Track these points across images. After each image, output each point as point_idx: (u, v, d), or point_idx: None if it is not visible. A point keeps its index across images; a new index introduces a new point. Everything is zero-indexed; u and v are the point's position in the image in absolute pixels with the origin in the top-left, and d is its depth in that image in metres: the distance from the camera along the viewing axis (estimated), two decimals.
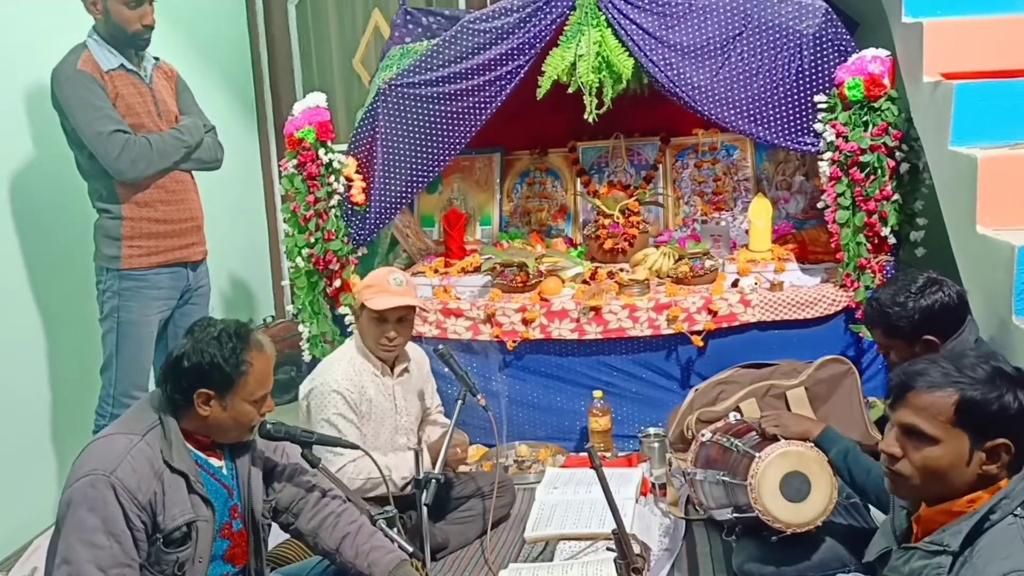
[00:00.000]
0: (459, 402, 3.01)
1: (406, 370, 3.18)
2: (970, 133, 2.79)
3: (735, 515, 2.66)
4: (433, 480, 2.70)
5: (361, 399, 3.01)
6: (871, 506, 2.58)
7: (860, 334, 3.48)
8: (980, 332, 2.51)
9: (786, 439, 2.55)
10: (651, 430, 3.48)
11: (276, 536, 2.51)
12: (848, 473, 2.48)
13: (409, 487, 2.84)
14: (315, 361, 3.84)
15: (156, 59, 3.44)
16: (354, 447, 2.60)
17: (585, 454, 3.52)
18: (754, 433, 2.72)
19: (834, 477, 2.46)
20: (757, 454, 2.51)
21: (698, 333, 3.59)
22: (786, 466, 2.47)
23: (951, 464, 1.63)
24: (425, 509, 2.67)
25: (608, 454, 3.57)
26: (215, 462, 2.26)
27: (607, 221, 4.09)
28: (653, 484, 3.27)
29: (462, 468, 3.24)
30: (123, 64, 3.26)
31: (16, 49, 3.40)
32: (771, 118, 3.54)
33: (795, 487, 2.46)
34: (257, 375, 2.18)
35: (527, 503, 3.26)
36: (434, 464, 2.86)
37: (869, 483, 2.41)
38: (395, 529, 2.43)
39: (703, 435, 2.86)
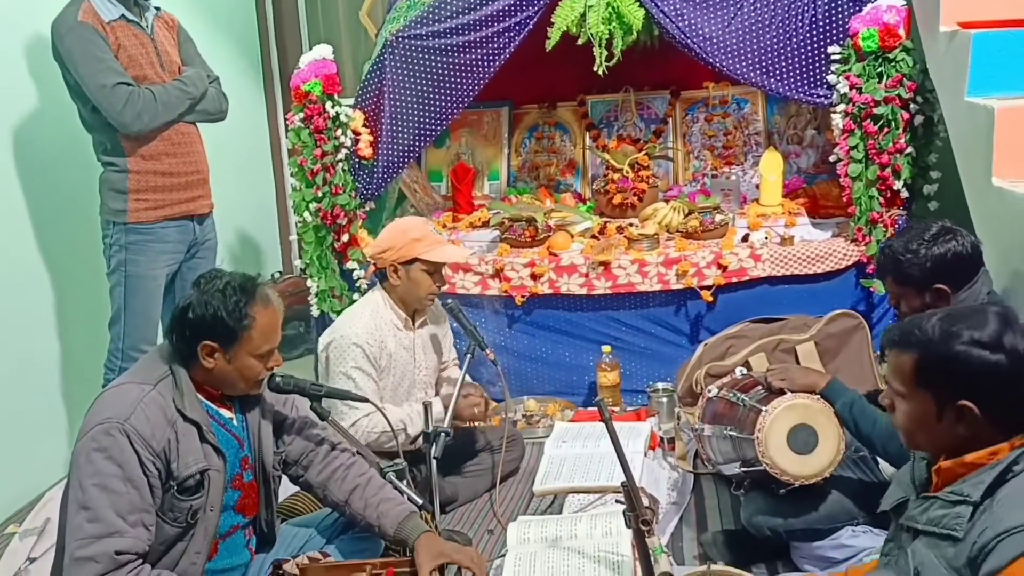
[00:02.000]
0: (468, 356, 3.00)
1: (425, 322, 3.17)
2: (987, 83, 2.74)
3: (743, 469, 2.65)
4: (442, 434, 2.70)
5: (381, 353, 3.00)
6: (879, 459, 2.57)
7: (871, 288, 3.46)
8: (993, 285, 2.48)
9: (792, 392, 2.54)
10: (659, 385, 3.48)
11: (286, 489, 2.52)
12: (854, 424, 2.46)
13: (419, 440, 2.85)
14: (323, 316, 3.84)
15: (157, 9, 3.39)
16: (364, 400, 2.59)
17: (593, 408, 3.56)
18: (760, 388, 2.71)
19: (841, 429, 2.45)
20: (763, 408, 2.50)
21: (708, 288, 3.57)
22: (793, 419, 2.46)
23: (920, 421, 1.66)
24: (435, 462, 2.68)
25: (617, 408, 3.57)
26: (225, 413, 2.26)
27: (616, 176, 4.05)
28: (661, 438, 3.27)
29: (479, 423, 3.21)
30: (124, 15, 3.21)
31: (15, 0, 3.35)
32: (784, 70, 3.50)
33: (802, 439, 2.46)
34: (261, 329, 2.17)
35: (536, 457, 3.26)
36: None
37: (875, 434, 2.40)
38: (404, 482, 2.43)
39: (709, 391, 2.85)
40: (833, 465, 2.45)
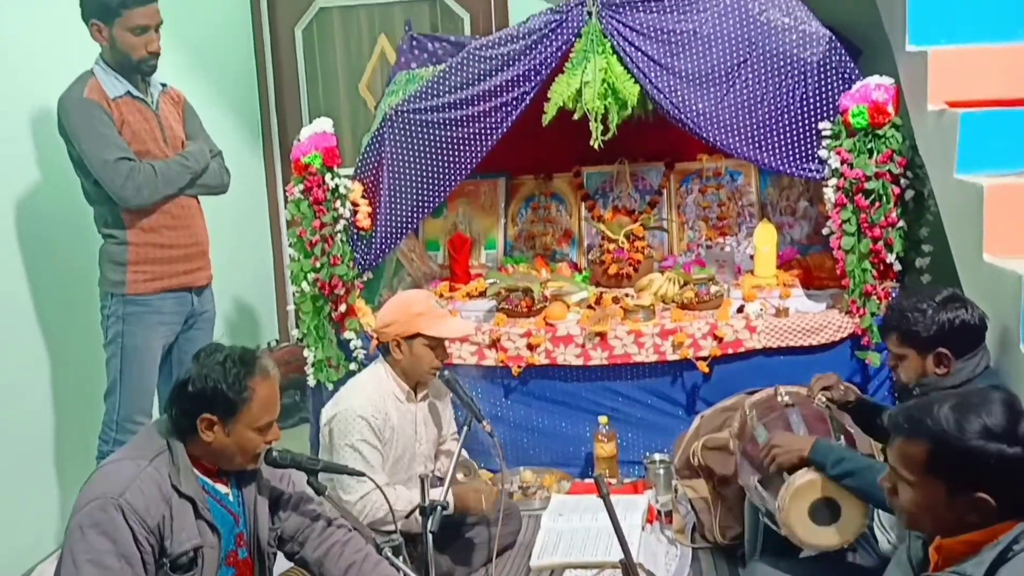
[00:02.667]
0: (465, 428, 3.00)
1: (427, 395, 3.18)
2: (976, 161, 2.79)
3: (766, 519, 2.61)
4: (439, 508, 2.68)
5: (385, 425, 2.99)
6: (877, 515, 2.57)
7: (866, 360, 3.48)
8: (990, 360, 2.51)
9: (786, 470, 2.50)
10: (657, 456, 3.47)
11: (281, 564, 2.49)
12: (846, 477, 2.38)
13: (414, 515, 2.83)
14: (320, 386, 3.84)
15: (163, 85, 3.45)
16: (361, 475, 2.58)
17: (591, 480, 3.54)
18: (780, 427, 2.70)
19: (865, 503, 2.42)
20: (787, 477, 2.46)
21: (703, 359, 3.59)
22: (816, 492, 2.42)
23: (930, 508, 1.65)
24: (431, 536, 2.65)
25: (613, 480, 3.56)
26: (221, 488, 2.26)
27: (612, 246, 4.09)
28: (659, 511, 3.25)
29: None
30: (129, 91, 3.27)
31: (24, 75, 3.42)
32: (776, 145, 3.56)
33: (824, 512, 2.40)
34: (261, 402, 2.18)
35: (533, 530, 3.23)
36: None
37: (867, 485, 2.34)
38: (401, 558, 2.41)
39: (749, 414, 2.82)
40: (855, 537, 2.42)
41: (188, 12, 4.28)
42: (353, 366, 3.76)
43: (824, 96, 3.48)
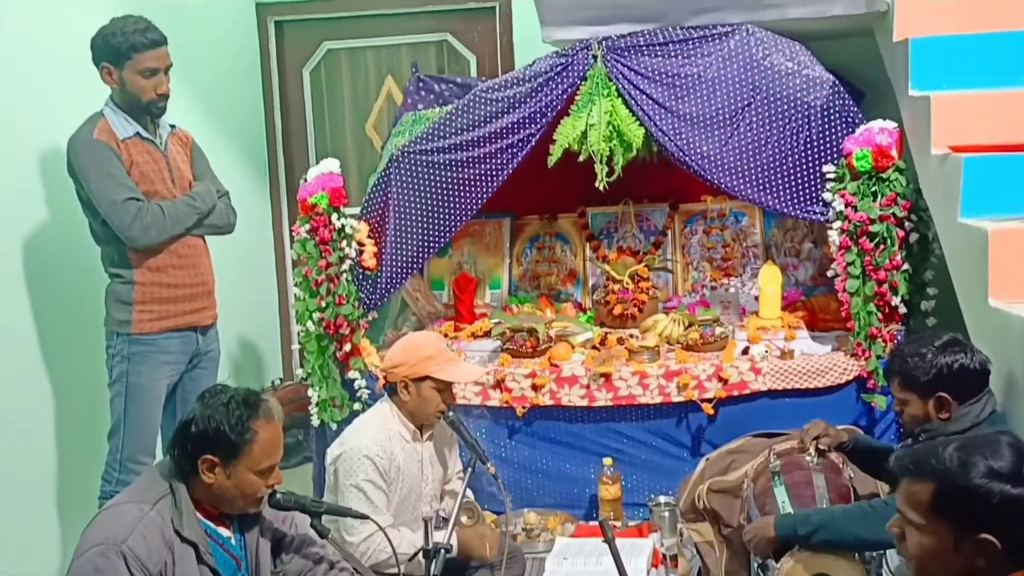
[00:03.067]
0: (469, 470, 2.99)
1: (432, 435, 3.17)
2: (980, 206, 2.80)
3: (760, 571, 2.62)
4: (442, 550, 2.66)
5: (390, 465, 2.98)
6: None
7: (872, 404, 3.47)
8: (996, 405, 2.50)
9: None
10: (662, 499, 3.44)
11: None
12: (838, 534, 2.43)
13: (418, 558, 2.81)
14: (323, 426, 3.83)
15: (172, 126, 3.49)
16: (365, 517, 2.57)
17: (595, 523, 3.50)
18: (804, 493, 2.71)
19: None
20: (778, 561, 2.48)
21: (709, 401, 3.57)
22: (816, 568, 2.44)
23: (937, 552, 1.63)
24: None
25: (618, 523, 3.52)
26: (224, 532, 2.25)
27: (616, 286, 4.09)
28: (664, 555, 3.22)
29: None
30: (139, 132, 3.31)
31: (34, 116, 3.46)
32: (780, 187, 3.57)
33: None
34: (263, 444, 2.17)
35: (537, 573, 3.21)
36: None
37: (847, 523, 2.42)
38: None
39: (773, 463, 2.87)
40: None
41: (197, 54, 4.33)
42: (357, 406, 3.76)
43: (828, 139, 3.50)
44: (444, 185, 3.75)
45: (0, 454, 3.28)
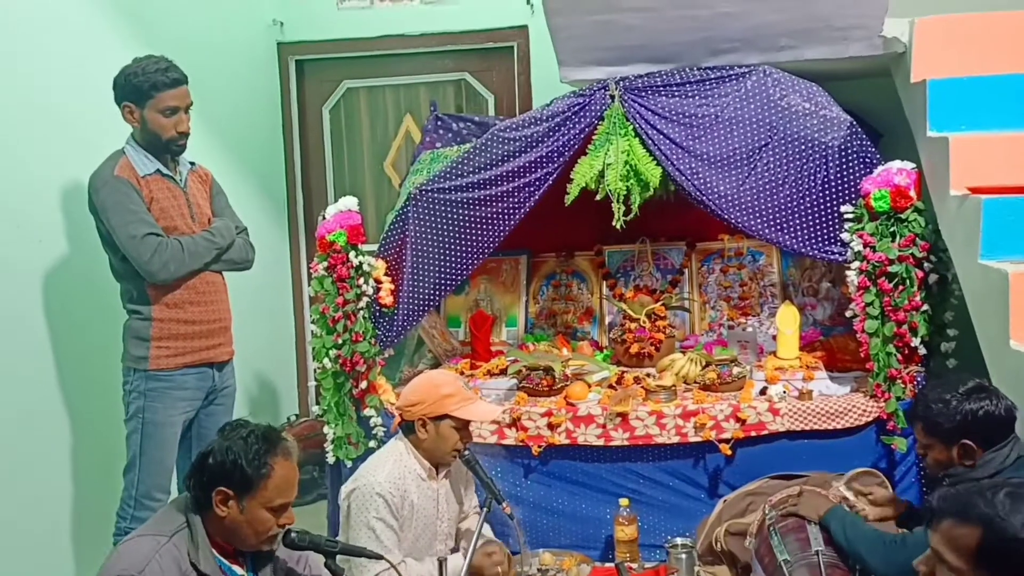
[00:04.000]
0: (484, 510, 2.97)
1: (448, 473, 3.15)
2: (1000, 247, 2.78)
3: None
4: None
5: (403, 503, 2.97)
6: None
7: (892, 446, 3.43)
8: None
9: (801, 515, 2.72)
10: (679, 540, 3.39)
11: None
12: (846, 540, 2.60)
13: None
14: (339, 463, 3.82)
15: (192, 164, 3.52)
16: (379, 557, 2.56)
17: (611, 564, 3.47)
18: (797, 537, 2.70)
19: None
20: None
21: (726, 441, 3.54)
22: None
23: None
24: None
25: (634, 565, 3.48)
26: (238, 570, 2.24)
27: (633, 325, 4.08)
28: None
29: None
30: (159, 169, 3.34)
31: (56, 154, 3.50)
32: (798, 227, 3.57)
33: None
34: (277, 481, 2.17)
35: None
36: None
37: (863, 549, 2.54)
38: None
39: (768, 515, 2.90)
40: None
41: (218, 92, 4.38)
42: (373, 443, 3.74)
43: (846, 180, 3.50)
44: (462, 223, 3.76)
45: (17, 489, 3.28)
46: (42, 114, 3.45)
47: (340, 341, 3.72)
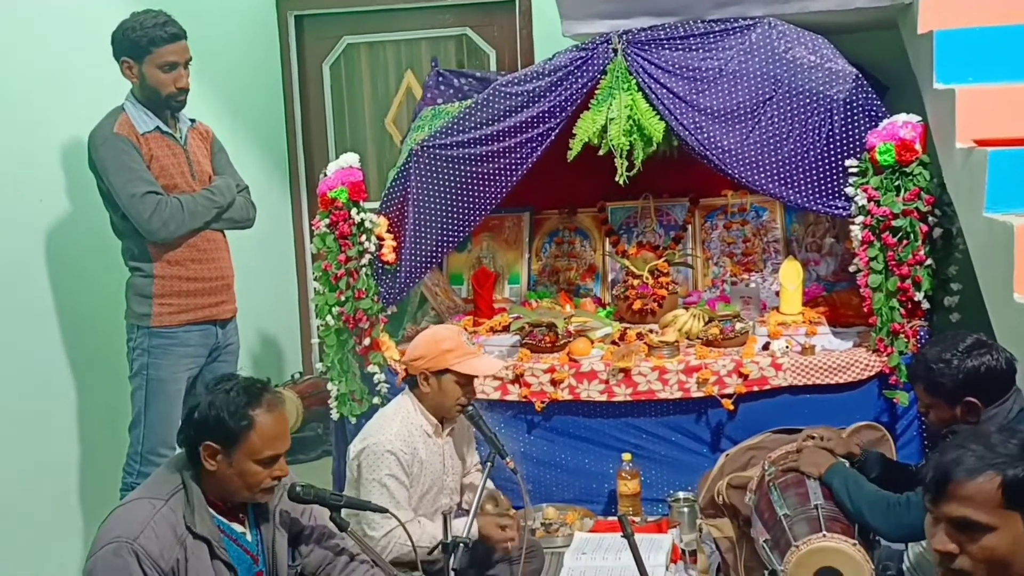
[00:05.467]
0: (488, 464, 2.98)
1: (453, 429, 3.17)
2: (1005, 200, 2.76)
3: None
4: (461, 544, 2.66)
5: (413, 460, 2.98)
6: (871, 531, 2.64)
7: (894, 400, 3.44)
8: None
9: (804, 471, 2.73)
10: (681, 494, 3.43)
11: None
12: (848, 498, 2.58)
13: (437, 551, 2.81)
14: (343, 420, 3.84)
15: (192, 121, 3.50)
16: (384, 511, 2.57)
17: (614, 518, 3.51)
18: (797, 492, 2.72)
19: (871, 575, 2.42)
20: (794, 543, 2.48)
21: (728, 396, 3.55)
22: (820, 560, 2.45)
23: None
24: (453, 574, 2.63)
25: (637, 518, 3.51)
26: (238, 528, 2.25)
27: (636, 281, 4.08)
28: (683, 551, 3.21)
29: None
30: (159, 127, 3.32)
31: (56, 111, 3.47)
32: (802, 182, 3.54)
33: None
34: (262, 433, 2.16)
35: (555, 568, 3.20)
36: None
37: (865, 507, 2.53)
38: None
39: (768, 470, 2.88)
40: None
41: (216, 49, 4.33)
42: (376, 400, 3.76)
43: (851, 133, 3.47)
44: (463, 179, 3.74)
45: (23, 447, 3.31)
46: (40, 70, 3.41)
47: (343, 298, 3.72)
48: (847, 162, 3.46)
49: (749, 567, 3.05)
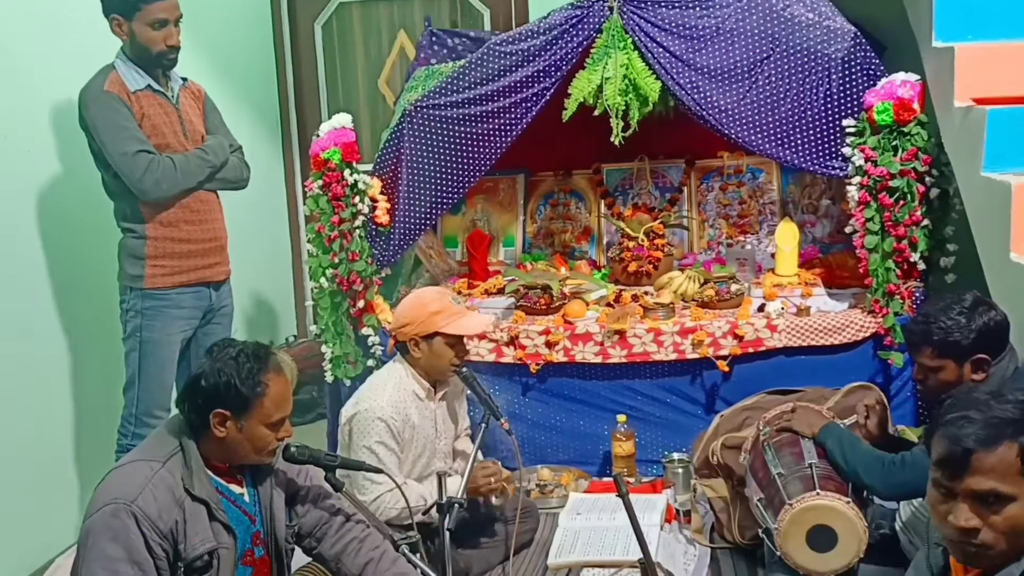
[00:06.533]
0: (483, 426, 2.99)
1: (446, 393, 3.16)
2: (1003, 159, 2.75)
3: (764, 536, 2.65)
4: (456, 505, 2.67)
5: (405, 426, 2.98)
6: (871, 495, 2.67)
7: (889, 361, 3.44)
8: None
9: (800, 432, 2.75)
10: (675, 455, 3.44)
11: (298, 559, 2.48)
12: (843, 458, 2.59)
13: (432, 512, 2.82)
14: (337, 382, 3.83)
15: (184, 79, 3.46)
16: (379, 471, 2.57)
17: (608, 479, 3.52)
18: (791, 451, 2.74)
19: (864, 533, 2.43)
20: (788, 501, 2.49)
21: (723, 358, 3.55)
22: (814, 518, 2.46)
23: None
24: (448, 534, 2.64)
25: (632, 479, 3.53)
26: (236, 489, 2.25)
27: (631, 243, 4.06)
28: (678, 511, 3.23)
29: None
30: (150, 85, 3.28)
31: (47, 68, 3.43)
32: (799, 142, 3.52)
33: (822, 539, 2.46)
34: (274, 397, 2.16)
35: (550, 529, 3.23)
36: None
37: (860, 467, 2.54)
38: (418, 555, 2.40)
39: (762, 430, 2.89)
40: (849, 565, 2.43)
41: (207, 7, 4.28)
42: (371, 363, 3.76)
43: (848, 93, 3.44)
44: (457, 140, 3.71)
45: (18, 408, 3.30)
46: (31, 28, 3.36)
47: (336, 260, 3.70)
48: (844, 122, 3.43)
49: (743, 526, 3.07)
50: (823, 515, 2.45)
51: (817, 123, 3.49)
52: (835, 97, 3.45)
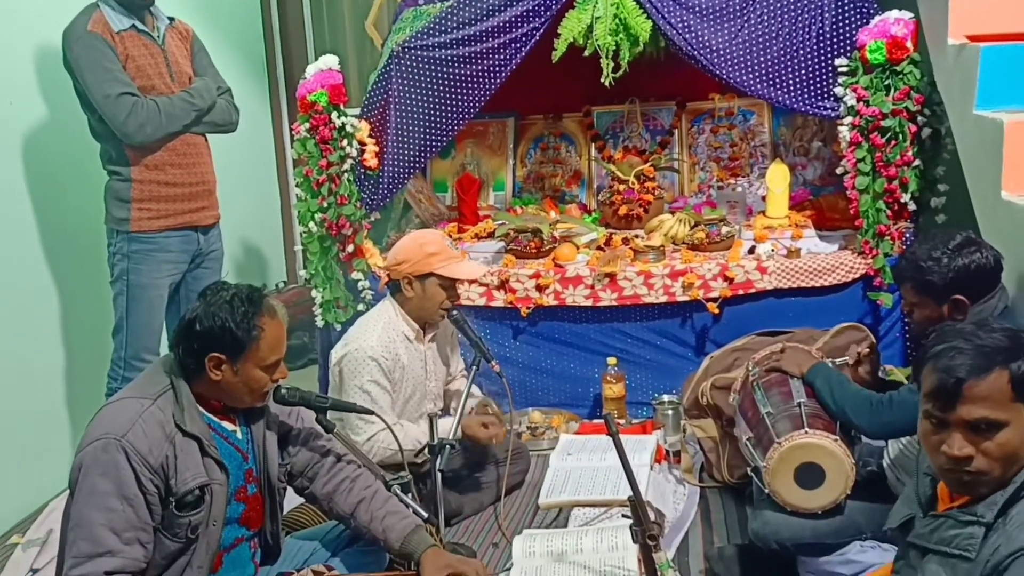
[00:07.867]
0: (474, 368, 3.00)
1: (435, 335, 3.16)
2: (996, 97, 2.73)
3: (752, 474, 2.68)
4: (447, 446, 2.69)
5: (395, 365, 2.98)
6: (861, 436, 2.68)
7: (878, 301, 3.45)
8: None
9: (788, 372, 2.77)
10: (665, 397, 3.46)
11: (291, 500, 2.50)
12: (831, 398, 2.60)
13: (424, 453, 2.83)
14: (328, 327, 3.83)
15: (171, 19, 3.40)
16: (370, 412, 2.58)
17: (599, 421, 3.54)
18: (780, 391, 2.75)
19: (851, 470, 2.45)
20: (777, 440, 2.51)
21: (714, 300, 3.56)
22: (802, 456, 2.48)
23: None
24: (439, 475, 2.66)
25: (622, 421, 3.56)
26: (229, 426, 2.25)
27: (622, 187, 4.04)
28: (667, 451, 3.26)
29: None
30: (135, 25, 3.22)
31: (30, 8, 3.36)
32: (790, 82, 3.49)
33: (809, 476, 2.48)
34: (269, 340, 2.17)
35: (541, 470, 3.25)
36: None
37: (848, 406, 2.55)
38: (410, 495, 2.42)
39: (752, 371, 2.91)
40: (836, 502, 2.46)
41: None
42: (361, 307, 3.75)
43: (841, 32, 3.41)
44: (446, 82, 3.67)
45: (8, 352, 3.29)
46: None
47: (325, 204, 3.68)
48: (837, 61, 3.40)
49: (732, 465, 3.11)
50: (811, 453, 2.47)
51: (809, 63, 3.46)
52: (827, 36, 3.42)
